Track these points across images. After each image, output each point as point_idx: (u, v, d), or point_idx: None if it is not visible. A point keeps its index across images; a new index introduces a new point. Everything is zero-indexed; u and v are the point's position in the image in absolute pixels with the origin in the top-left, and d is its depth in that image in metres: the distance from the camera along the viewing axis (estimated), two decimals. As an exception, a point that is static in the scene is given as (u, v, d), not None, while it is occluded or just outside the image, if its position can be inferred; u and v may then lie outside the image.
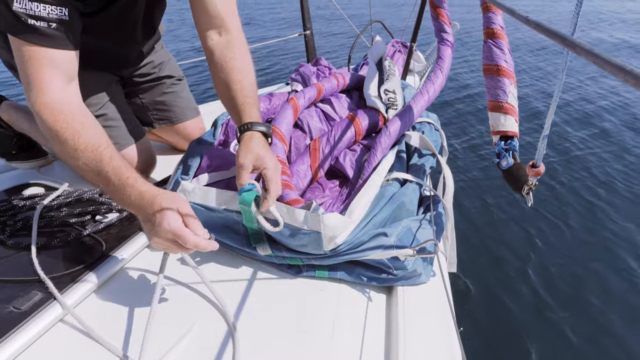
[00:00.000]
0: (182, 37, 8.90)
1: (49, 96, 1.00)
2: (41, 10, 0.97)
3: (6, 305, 0.91)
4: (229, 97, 1.19)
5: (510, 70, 1.11)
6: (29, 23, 0.96)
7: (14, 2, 0.95)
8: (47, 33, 0.98)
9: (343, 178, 1.37)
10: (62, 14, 1.00)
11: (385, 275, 1.07)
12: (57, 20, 0.99)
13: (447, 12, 1.49)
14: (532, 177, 0.98)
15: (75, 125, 0.99)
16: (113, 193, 0.98)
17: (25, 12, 0.95)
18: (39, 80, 0.99)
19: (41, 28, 0.97)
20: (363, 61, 2.25)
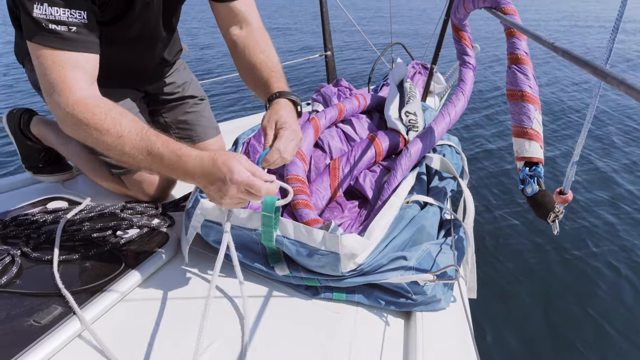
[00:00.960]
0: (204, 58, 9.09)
1: (80, 93, 1.00)
2: (61, 14, 0.98)
3: (27, 318, 0.92)
4: (254, 76, 1.22)
5: (535, 96, 1.10)
6: (50, 28, 0.98)
7: (34, 8, 0.97)
8: (68, 37, 1.00)
9: (362, 199, 1.36)
10: (82, 17, 1.02)
11: (403, 300, 1.05)
12: (77, 24, 1.01)
13: (469, 35, 1.50)
14: (559, 205, 0.96)
15: (114, 114, 0.99)
16: (168, 168, 0.96)
17: (45, 17, 0.97)
18: (66, 81, 1.00)
19: (62, 32, 0.99)
20: (383, 82, 2.26)
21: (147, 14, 1.30)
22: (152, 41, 1.43)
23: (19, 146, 1.64)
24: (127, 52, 1.41)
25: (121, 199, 1.51)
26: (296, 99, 1.15)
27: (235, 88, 6.34)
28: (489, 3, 1.19)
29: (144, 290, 1.07)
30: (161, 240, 1.22)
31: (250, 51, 1.26)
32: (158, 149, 0.96)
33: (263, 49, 1.27)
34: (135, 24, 1.29)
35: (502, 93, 6.63)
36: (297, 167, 1.31)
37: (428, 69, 2.62)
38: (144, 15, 1.29)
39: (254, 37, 1.30)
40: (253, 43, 1.28)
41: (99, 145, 1.00)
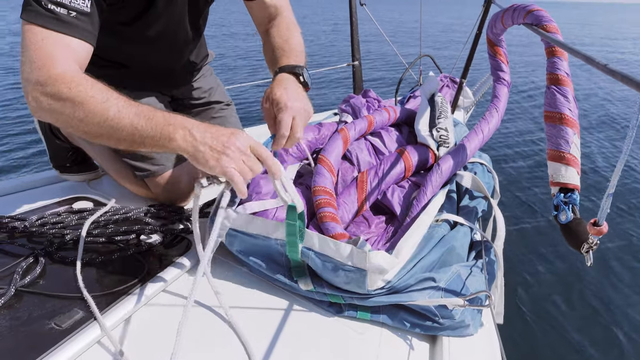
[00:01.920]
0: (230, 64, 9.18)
1: (64, 67, 0.94)
2: None
3: (48, 321, 0.91)
4: (270, 59, 1.25)
5: (575, 119, 1.05)
6: (49, 7, 0.95)
7: None
8: (66, 20, 0.97)
9: (389, 214, 1.33)
10: (85, 5, 0.99)
11: (430, 323, 1.01)
12: (77, 10, 0.98)
13: (504, 51, 1.46)
14: (593, 236, 0.91)
15: (100, 85, 0.95)
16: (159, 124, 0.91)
17: None
18: (51, 57, 0.94)
19: (61, 14, 0.96)
20: (410, 94, 2.23)
21: (170, 12, 1.30)
22: (175, 41, 1.43)
23: (48, 145, 1.66)
24: (149, 52, 1.41)
25: (145, 202, 1.51)
26: (300, 70, 1.13)
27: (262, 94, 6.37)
28: (530, 20, 1.15)
29: (165, 297, 1.06)
30: (184, 246, 1.21)
31: (271, 38, 1.30)
32: (148, 109, 0.93)
33: (282, 33, 1.30)
34: (156, 23, 1.29)
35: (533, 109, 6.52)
36: (325, 178, 1.28)
37: (456, 82, 2.58)
38: (166, 13, 1.29)
39: (278, 23, 1.34)
40: (275, 30, 1.32)
41: (75, 119, 0.93)
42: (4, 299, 0.96)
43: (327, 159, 1.34)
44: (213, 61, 1.80)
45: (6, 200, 1.50)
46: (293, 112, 1.02)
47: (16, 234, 1.23)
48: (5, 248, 1.17)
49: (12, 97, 6.63)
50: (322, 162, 1.33)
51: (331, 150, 1.37)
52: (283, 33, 1.30)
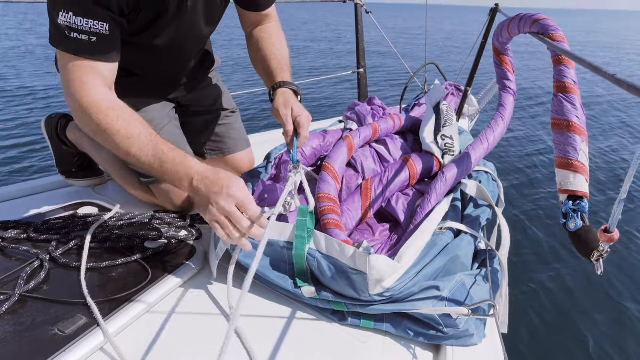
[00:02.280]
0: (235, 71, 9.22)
1: (95, 96, 1.06)
2: (83, 24, 1.03)
3: (51, 326, 0.91)
4: (264, 65, 1.36)
5: (582, 126, 1.05)
6: (71, 36, 1.03)
7: (60, 16, 1.02)
8: (88, 46, 1.05)
9: (394, 222, 1.33)
10: (103, 28, 1.06)
11: (434, 332, 1.01)
12: (97, 34, 1.05)
13: (511, 60, 1.46)
14: (603, 243, 0.90)
15: (126, 116, 1.07)
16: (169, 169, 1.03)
17: (68, 25, 1.02)
18: (83, 83, 1.06)
19: (83, 41, 1.04)
20: (414, 101, 2.23)
21: (180, 21, 1.31)
22: (183, 49, 1.45)
23: (55, 150, 1.67)
24: (157, 60, 1.42)
25: (150, 208, 1.51)
26: (297, 89, 1.32)
27: (267, 100, 6.38)
28: (537, 29, 1.15)
29: (168, 303, 1.06)
30: (188, 253, 1.21)
31: (264, 43, 1.40)
32: (164, 151, 1.04)
33: (274, 42, 1.41)
34: (165, 32, 1.31)
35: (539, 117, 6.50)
36: (329, 185, 1.28)
37: (461, 90, 2.57)
38: (176, 22, 1.30)
39: (269, 30, 1.44)
40: (267, 36, 1.42)
41: (108, 144, 1.08)
42: (8, 304, 0.96)
43: (331, 166, 1.34)
44: (219, 67, 1.81)
45: (12, 205, 1.51)
46: (308, 119, 1.24)
47: (21, 239, 1.23)
48: (11, 252, 1.17)
49: (19, 102, 6.69)
50: (327, 169, 1.33)
51: (336, 157, 1.37)
52: (275, 41, 1.41)
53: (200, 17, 1.37)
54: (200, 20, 1.38)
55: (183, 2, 1.26)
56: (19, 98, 6.92)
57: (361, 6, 2.85)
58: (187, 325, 1.00)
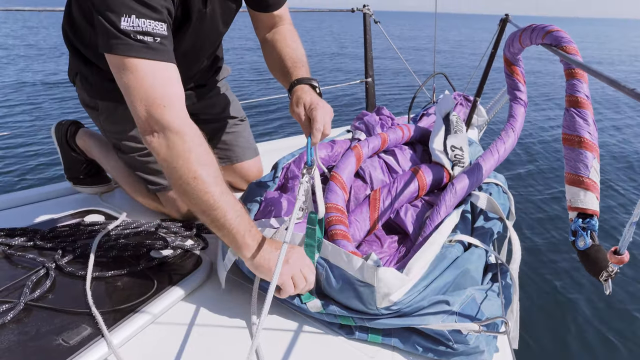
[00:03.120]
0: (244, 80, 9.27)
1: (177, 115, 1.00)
2: (147, 26, 0.98)
3: (56, 336, 0.90)
4: (280, 67, 1.32)
5: (594, 143, 1.03)
6: (139, 39, 0.97)
7: (122, 21, 0.96)
8: (156, 47, 0.99)
9: (402, 234, 1.31)
10: (163, 29, 1.02)
11: (443, 348, 0.98)
12: (161, 35, 1.01)
13: (522, 70, 1.44)
14: (613, 264, 0.88)
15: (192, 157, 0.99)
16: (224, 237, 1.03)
17: (134, 29, 0.97)
18: (167, 95, 0.99)
19: (151, 43, 0.98)
20: (423, 111, 2.21)
21: (199, 29, 1.31)
22: (199, 57, 1.45)
23: (64, 157, 1.67)
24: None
25: (156, 216, 1.50)
26: (316, 83, 1.25)
27: (276, 109, 6.41)
28: (549, 40, 1.14)
29: (174, 314, 1.05)
30: (194, 263, 1.20)
31: (278, 45, 1.36)
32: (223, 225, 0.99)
33: (289, 43, 1.37)
34: (187, 39, 1.31)
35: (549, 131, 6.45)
36: (337, 195, 1.27)
37: (470, 100, 2.56)
38: (195, 30, 1.30)
39: (282, 31, 1.40)
40: (281, 38, 1.38)
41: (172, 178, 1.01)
42: (13, 312, 0.95)
43: (339, 176, 1.33)
44: (229, 76, 1.81)
45: (20, 211, 1.51)
46: (325, 111, 1.15)
47: (28, 246, 1.23)
48: (17, 260, 1.17)
49: (28, 107, 6.75)
50: (335, 179, 1.32)
51: (344, 167, 1.35)
52: (290, 42, 1.37)
53: (218, 21, 1.37)
54: (219, 24, 1.38)
55: (202, 9, 1.26)
56: (28, 103, 6.99)
57: (370, 15, 2.85)
58: (192, 337, 0.99)
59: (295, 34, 1.43)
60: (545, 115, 7.33)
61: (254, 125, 5.48)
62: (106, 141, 1.60)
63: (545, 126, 6.65)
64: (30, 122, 6.12)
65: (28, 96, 7.52)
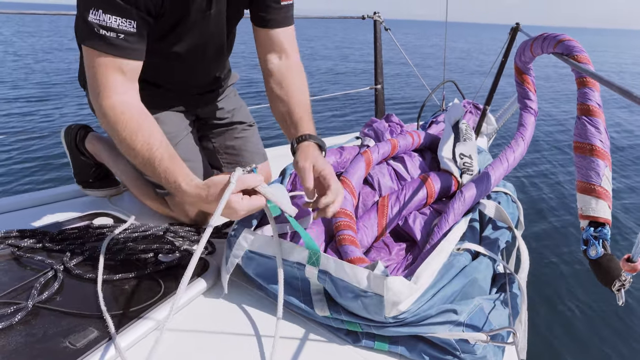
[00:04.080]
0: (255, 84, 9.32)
1: (113, 98, 1.10)
2: (112, 22, 1.07)
3: (63, 339, 0.91)
4: (286, 113, 1.29)
5: (606, 151, 1.02)
6: (100, 33, 1.07)
7: (90, 13, 1.06)
8: (115, 43, 1.08)
9: (410, 241, 1.30)
10: (131, 26, 1.10)
11: (450, 358, 0.97)
12: (125, 32, 1.09)
13: (532, 79, 1.44)
14: (626, 273, 0.87)
15: (133, 125, 1.09)
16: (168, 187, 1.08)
17: (98, 22, 1.06)
18: (105, 83, 1.10)
19: (110, 38, 1.08)
20: (432, 119, 2.21)
21: (202, 27, 1.32)
22: (204, 57, 1.45)
23: (73, 160, 1.68)
24: (176, 68, 1.43)
25: (164, 220, 1.51)
26: (321, 143, 1.22)
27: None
28: (561, 49, 1.13)
29: (181, 319, 1.04)
30: (201, 267, 1.20)
31: (287, 86, 1.33)
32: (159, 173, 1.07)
33: (299, 87, 1.34)
34: (187, 37, 1.32)
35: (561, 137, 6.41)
36: (346, 200, 1.27)
37: (479, 108, 2.55)
38: (198, 28, 1.31)
39: (292, 72, 1.36)
40: (290, 79, 1.34)
41: (120, 149, 1.13)
42: (21, 314, 0.96)
43: (348, 181, 1.32)
44: (237, 82, 1.82)
45: (29, 213, 1.53)
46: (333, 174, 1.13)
47: (37, 248, 1.24)
48: (26, 262, 1.18)
49: (38, 110, 6.83)
50: (344, 184, 1.32)
51: (353, 172, 1.35)
52: (298, 85, 1.34)
53: (223, 25, 1.38)
54: (223, 27, 1.39)
55: (207, 9, 1.27)
56: (38, 104, 7.06)
57: (380, 23, 2.86)
58: (198, 341, 0.98)
59: (304, 75, 1.39)
60: (555, 124, 7.29)
61: (263, 130, 5.49)
62: (115, 145, 1.61)
63: (555, 135, 6.61)
64: (40, 125, 6.18)
65: (37, 100, 7.60)
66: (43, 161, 4.72)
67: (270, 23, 1.37)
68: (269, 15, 1.36)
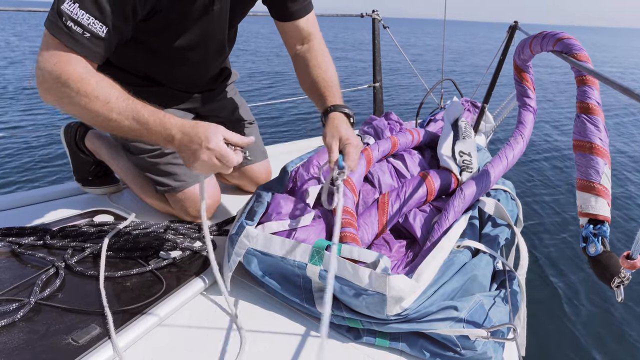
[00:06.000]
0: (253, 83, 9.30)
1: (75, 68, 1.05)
2: (84, 18, 1.04)
3: (65, 335, 0.91)
4: (313, 87, 1.35)
5: (605, 149, 1.02)
6: (67, 24, 1.03)
7: (65, 2, 1.02)
8: (79, 39, 1.05)
9: (410, 239, 1.31)
10: (101, 30, 1.06)
11: (451, 354, 0.98)
12: (92, 32, 1.05)
13: (531, 77, 1.44)
14: (625, 270, 0.88)
15: (104, 83, 1.06)
16: (152, 132, 1.06)
17: (69, 14, 1.02)
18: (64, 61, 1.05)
19: (76, 32, 1.04)
20: (430, 117, 2.22)
21: (203, 24, 1.32)
22: (205, 54, 1.45)
23: (72, 158, 1.68)
24: (176, 65, 1.43)
25: (165, 217, 1.51)
26: (350, 111, 1.27)
27: (286, 112, 6.43)
28: (560, 47, 1.14)
29: (182, 316, 1.05)
30: (202, 264, 1.20)
31: (310, 65, 1.39)
32: (144, 115, 1.05)
33: (320, 64, 1.40)
34: (187, 34, 1.32)
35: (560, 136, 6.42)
36: (347, 198, 1.27)
37: (477, 107, 2.56)
38: (199, 25, 1.31)
39: (314, 51, 1.43)
40: (312, 57, 1.41)
41: (87, 113, 1.06)
42: (23, 311, 0.96)
43: (349, 178, 1.33)
44: (238, 80, 1.82)
45: (29, 211, 1.53)
46: (358, 149, 1.18)
47: (38, 245, 1.24)
48: (27, 259, 1.18)
49: (39, 109, 6.80)
50: (344, 182, 1.32)
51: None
52: (321, 62, 1.40)
53: (225, 21, 1.38)
54: (225, 24, 1.39)
55: (210, 5, 1.27)
56: (39, 104, 7.04)
57: (379, 21, 2.86)
58: (199, 338, 0.99)
59: (326, 51, 1.46)
60: (554, 122, 7.31)
61: (263, 128, 5.49)
62: (115, 143, 1.61)
63: (553, 132, 6.63)
64: (39, 122, 6.16)
65: (37, 96, 7.57)
66: (42, 159, 4.71)
67: (293, 15, 1.42)
68: (291, 9, 1.41)
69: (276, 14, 1.44)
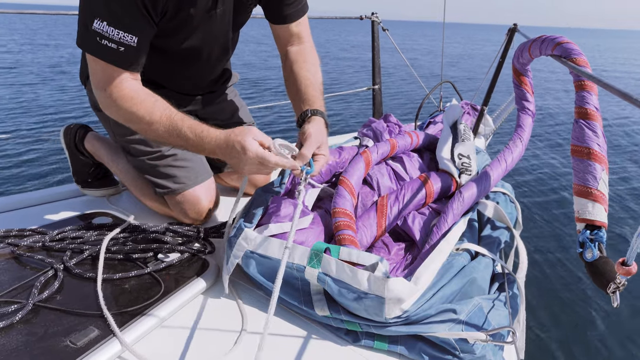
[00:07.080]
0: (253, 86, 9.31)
1: (122, 89, 1.17)
2: (115, 35, 1.11)
3: (63, 338, 0.91)
4: (297, 90, 1.35)
5: (603, 155, 1.03)
6: (102, 43, 1.11)
7: (94, 23, 1.10)
8: (115, 54, 1.13)
9: (409, 241, 1.31)
10: (132, 41, 1.14)
11: (450, 357, 0.98)
12: (126, 45, 1.13)
13: (530, 81, 1.45)
14: (620, 276, 0.88)
15: (148, 104, 1.17)
16: (194, 147, 1.16)
17: (100, 32, 1.10)
18: (111, 81, 1.16)
19: (111, 49, 1.12)
20: (429, 119, 2.22)
21: (207, 27, 1.33)
22: (209, 57, 1.46)
23: (72, 160, 1.68)
24: (179, 68, 1.43)
25: (164, 220, 1.51)
26: (328, 122, 1.30)
27: (285, 115, 6.43)
28: (559, 52, 1.14)
29: (180, 318, 1.05)
30: (201, 266, 1.20)
31: (297, 67, 1.40)
32: (185, 132, 1.14)
33: (309, 67, 1.41)
34: (191, 38, 1.32)
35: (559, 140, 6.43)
36: (345, 200, 1.27)
37: (477, 109, 2.56)
38: (202, 28, 1.32)
39: (303, 54, 1.44)
40: (301, 60, 1.42)
41: (139, 129, 1.19)
42: (21, 313, 0.96)
43: (348, 181, 1.33)
44: (238, 83, 1.82)
45: (28, 213, 1.52)
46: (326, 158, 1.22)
47: (36, 247, 1.24)
48: (26, 261, 1.18)
49: (38, 110, 6.80)
50: (343, 184, 1.32)
51: (353, 172, 1.36)
52: (309, 66, 1.41)
53: (228, 25, 1.38)
54: (229, 27, 1.39)
55: (212, 8, 1.27)
56: (38, 108, 7.04)
57: (378, 23, 2.87)
58: (198, 341, 0.99)
59: (316, 56, 1.47)
60: (553, 125, 7.32)
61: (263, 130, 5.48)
62: (114, 145, 1.61)
63: (553, 136, 6.63)
64: (39, 124, 6.16)
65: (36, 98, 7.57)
66: (42, 161, 4.71)
67: (287, 19, 1.43)
68: (285, 12, 1.42)
69: (271, 16, 1.45)
